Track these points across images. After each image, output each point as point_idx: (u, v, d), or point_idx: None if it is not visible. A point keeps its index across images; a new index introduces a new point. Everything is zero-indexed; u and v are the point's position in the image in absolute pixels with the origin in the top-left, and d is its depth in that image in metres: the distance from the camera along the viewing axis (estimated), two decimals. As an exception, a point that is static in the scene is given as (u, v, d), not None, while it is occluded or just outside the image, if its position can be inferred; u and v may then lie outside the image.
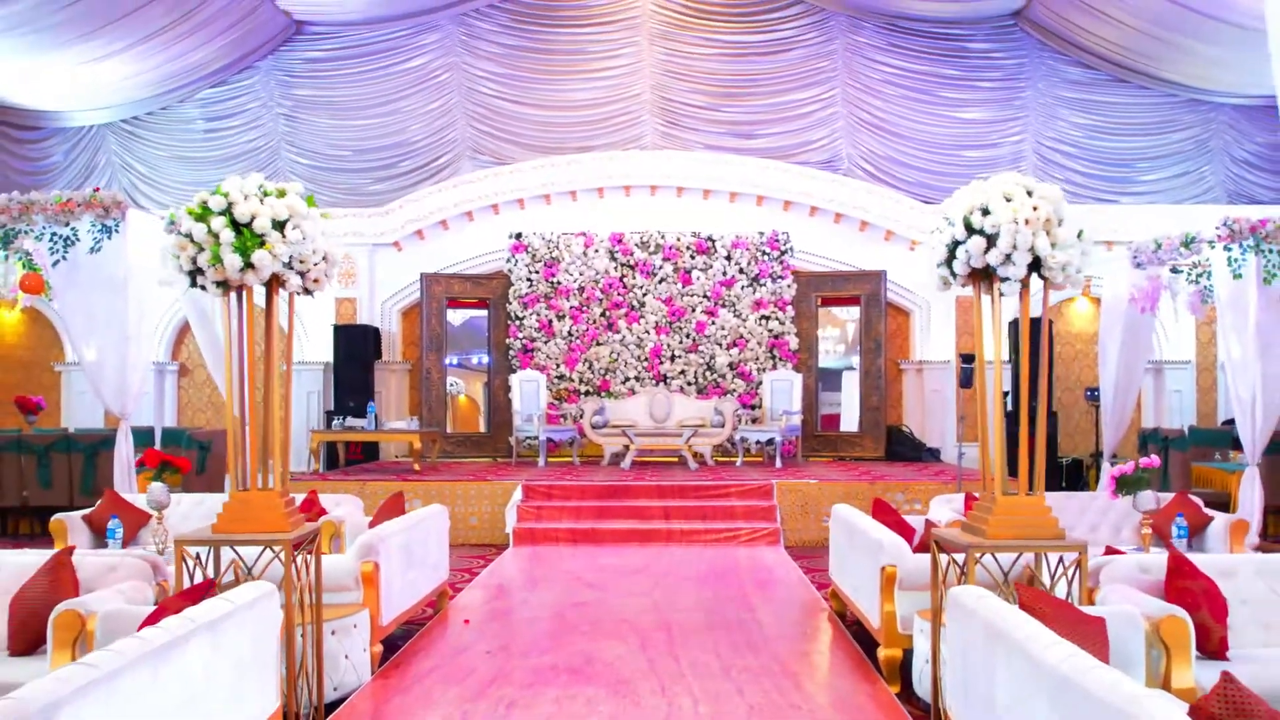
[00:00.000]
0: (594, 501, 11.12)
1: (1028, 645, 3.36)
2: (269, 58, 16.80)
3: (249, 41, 16.09)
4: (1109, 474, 6.84)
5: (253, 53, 16.46)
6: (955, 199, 4.53)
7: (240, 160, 16.84)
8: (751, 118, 16.87)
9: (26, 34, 13.57)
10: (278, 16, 16.04)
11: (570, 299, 15.15)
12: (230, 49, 15.99)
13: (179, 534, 4.69)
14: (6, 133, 17.02)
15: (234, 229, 4.55)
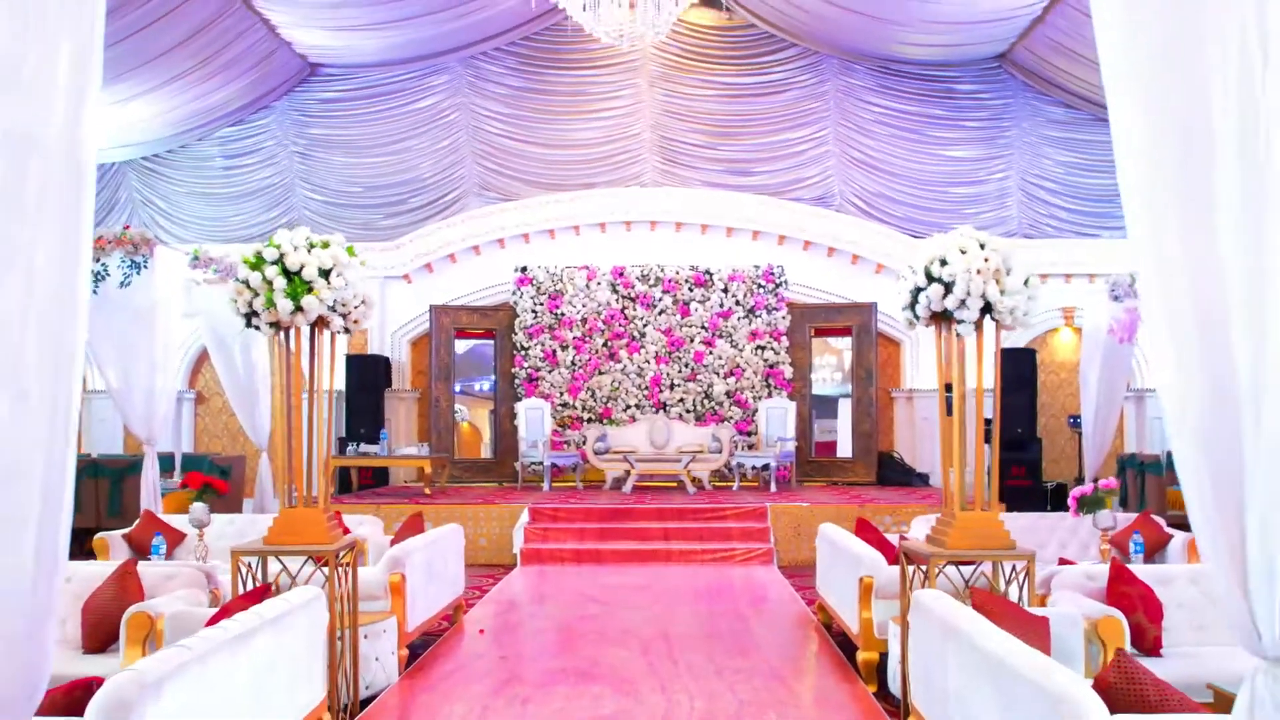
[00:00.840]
0: (597, 524, 11.71)
1: (973, 637, 3.97)
2: (285, 98, 17.50)
3: (266, 83, 16.79)
4: (1072, 495, 7.45)
5: (269, 93, 17.16)
6: (919, 251, 5.16)
7: (256, 196, 17.52)
8: (747, 156, 17.56)
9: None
10: (294, 59, 16.75)
11: (573, 330, 15.77)
12: (248, 90, 16.69)
13: (235, 545, 5.29)
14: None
15: (285, 277, 5.17)
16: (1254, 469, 2.51)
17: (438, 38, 16.51)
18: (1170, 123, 2.67)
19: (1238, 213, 2.53)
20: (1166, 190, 2.66)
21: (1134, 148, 2.76)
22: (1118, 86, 2.79)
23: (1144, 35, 2.73)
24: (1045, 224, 17.32)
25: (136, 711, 3.15)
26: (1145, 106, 2.73)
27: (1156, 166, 2.69)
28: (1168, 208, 2.66)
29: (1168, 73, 2.66)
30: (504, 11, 16.03)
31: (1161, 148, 2.69)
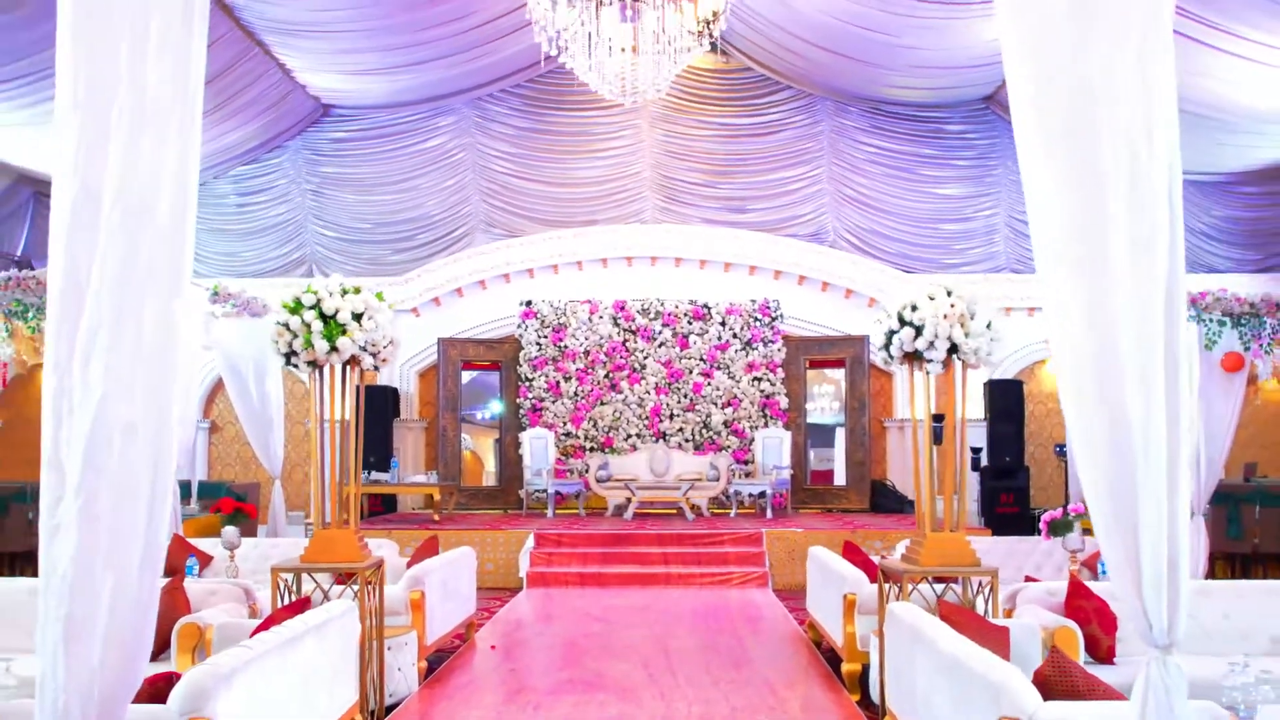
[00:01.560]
0: (600, 548, 12.24)
1: (935, 641, 4.51)
2: (298, 138, 18.15)
3: (280, 123, 17.44)
4: (1043, 519, 7.99)
5: (283, 133, 17.80)
6: (894, 298, 5.73)
7: (270, 233, 18.14)
8: (744, 194, 18.19)
9: (83, 121, 14.89)
10: (307, 101, 17.40)
11: (576, 362, 16.33)
12: (263, 130, 17.32)
13: (275, 563, 5.83)
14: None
15: (322, 320, 5.74)
16: (1145, 499, 3.07)
17: (446, 81, 17.16)
18: (1073, 202, 3.24)
19: (1128, 283, 3.11)
20: (1071, 264, 3.23)
21: (1044, 226, 3.32)
22: (1032, 173, 3.35)
23: (1051, 122, 3.29)
24: (1031, 259, 17.87)
25: (213, 698, 3.70)
26: (1055, 188, 3.30)
27: (1063, 243, 3.25)
28: (1072, 276, 3.23)
29: (1072, 158, 3.23)
30: (509, 55, 16.67)
31: (1067, 227, 3.25)
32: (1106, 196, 3.16)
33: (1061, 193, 3.26)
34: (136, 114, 3.21)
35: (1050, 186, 3.30)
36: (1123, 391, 3.10)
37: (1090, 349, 3.18)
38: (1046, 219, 3.31)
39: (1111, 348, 3.12)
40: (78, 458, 3.16)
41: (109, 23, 3.25)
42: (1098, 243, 3.18)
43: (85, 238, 3.20)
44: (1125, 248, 3.13)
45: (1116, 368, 3.11)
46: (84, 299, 3.20)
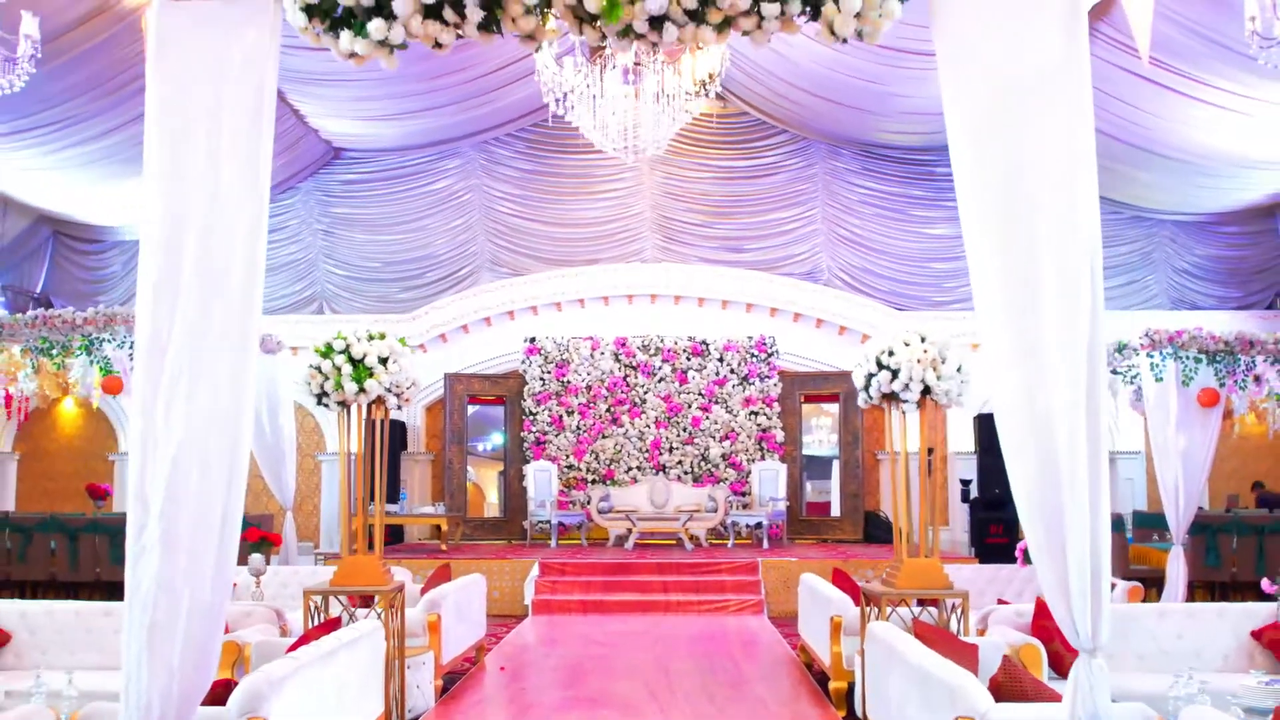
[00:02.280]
0: (602, 577, 12.73)
1: (906, 655, 5.03)
2: (310, 180, 18.78)
3: (293, 166, 18.06)
4: (1018, 548, 8.51)
5: (295, 175, 18.43)
6: (871, 344, 6.29)
7: (282, 271, 18.71)
8: (741, 234, 18.81)
9: (109, 164, 15.53)
10: (319, 144, 18.04)
11: (579, 396, 16.86)
12: (276, 173, 17.91)
13: (307, 586, 6.36)
14: (72, 245, 18.94)
15: (351, 364, 6.29)
16: (1072, 525, 3.61)
17: (453, 125, 17.81)
18: (1011, 264, 3.79)
19: (1055, 338, 3.66)
20: (1006, 321, 3.78)
21: (982, 287, 3.87)
22: (974, 240, 3.90)
23: (990, 194, 3.85)
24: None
25: (267, 700, 4.22)
26: (994, 251, 3.85)
27: (1000, 304, 3.80)
28: (1007, 330, 3.77)
29: (1009, 225, 3.78)
30: (514, 101, 17.33)
31: (1002, 288, 3.80)
32: (1038, 263, 3.72)
33: (997, 256, 3.82)
34: (213, 198, 3.79)
35: (988, 252, 3.85)
36: (1051, 431, 3.65)
37: (1022, 394, 3.72)
38: (985, 282, 3.86)
39: (1041, 393, 3.67)
40: (160, 491, 3.71)
41: (187, 117, 3.83)
42: (1029, 305, 3.74)
43: (167, 305, 3.76)
44: (1053, 309, 3.69)
45: (1045, 410, 3.66)
46: (165, 356, 3.76)
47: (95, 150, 15.16)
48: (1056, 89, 3.73)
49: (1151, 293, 18.61)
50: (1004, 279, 3.81)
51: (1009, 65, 3.75)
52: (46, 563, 13.34)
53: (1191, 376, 11.31)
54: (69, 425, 17.97)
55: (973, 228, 3.89)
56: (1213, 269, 18.65)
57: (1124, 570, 13.39)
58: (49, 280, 18.96)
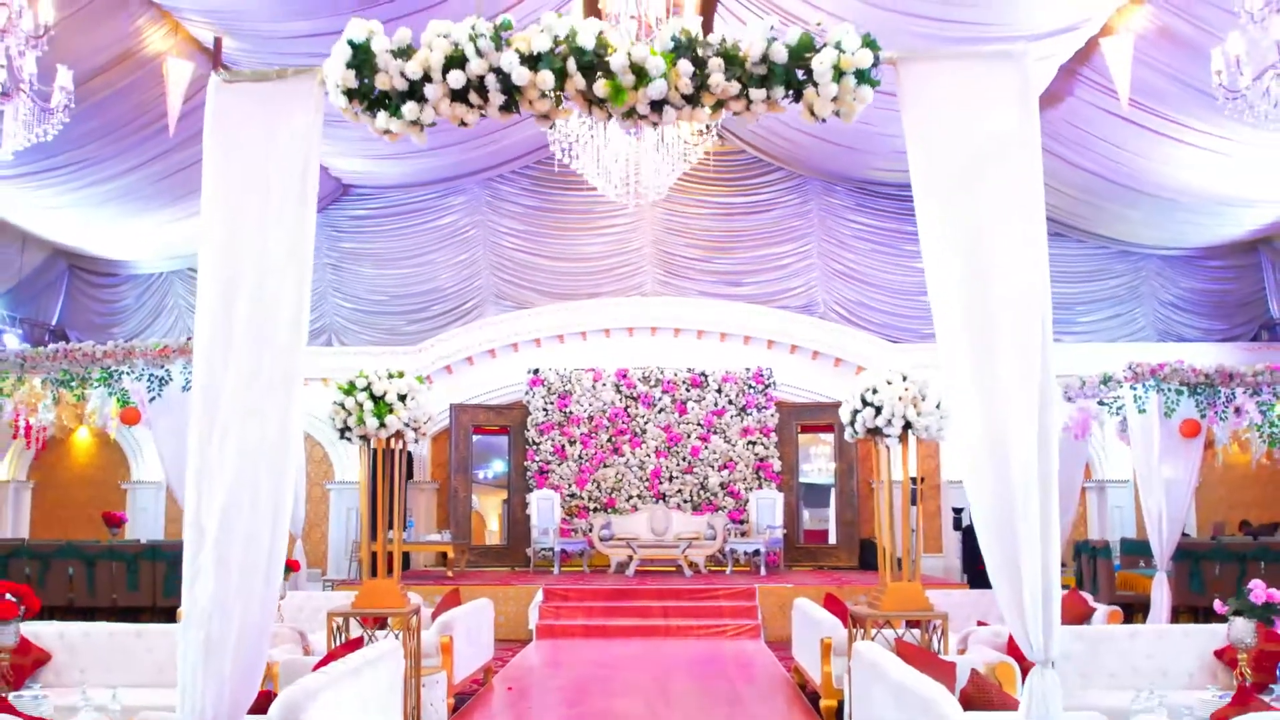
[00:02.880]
0: (604, 603, 13.14)
1: (887, 671, 5.47)
2: (319, 215, 19.18)
3: (303, 202, 18.57)
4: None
5: (305, 212, 18.93)
6: (857, 382, 6.76)
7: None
8: (739, 268, 19.32)
9: (126, 201, 16.06)
10: (329, 181, 18.58)
11: (581, 427, 17.31)
12: (286, 209, 18.45)
13: (330, 609, 6.79)
14: (86, 279, 19.44)
15: (372, 400, 6.75)
16: (1025, 543, 4.06)
17: (460, 163, 18.35)
18: (971, 315, 4.25)
19: (1015, 375, 4.12)
20: (967, 370, 4.24)
21: (948, 335, 4.32)
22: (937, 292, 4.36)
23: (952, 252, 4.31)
24: (1011, 329, 18.95)
25: (304, 710, 4.65)
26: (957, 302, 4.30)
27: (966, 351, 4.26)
28: (971, 372, 4.23)
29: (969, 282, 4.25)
30: (519, 140, 17.87)
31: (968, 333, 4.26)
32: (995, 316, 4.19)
33: (959, 307, 4.28)
34: (261, 259, 4.26)
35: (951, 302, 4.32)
36: (1007, 463, 4.10)
37: (981, 428, 4.18)
38: (948, 328, 4.31)
39: (998, 428, 4.13)
40: (215, 519, 4.16)
41: (240, 187, 4.31)
42: (988, 349, 4.20)
43: (221, 355, 4.23)
44: (1009, 355, 4.15)
45: (1002, 443, 4.12)
46: (220, 399, 4.22)
47: (113, 189, 15.68)
48: (1012, 159, 4.21)
49: (1139, 325, 19.09)
50: (966, 326, 4.25)
51: (969, 137, 4.24)
52: (64, 588, 13.73)
53: (1173, 408, 11.70)
54: (82, 455, 18.40)
55: (936, 281, 4.36)
56: (1198, 302, 19.14)
57: (1111, 596, 13.81)
58: (64, 313, 19.45)
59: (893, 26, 12.68)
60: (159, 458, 12.91)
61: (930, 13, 12.37)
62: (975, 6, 12.20)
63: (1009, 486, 4.10)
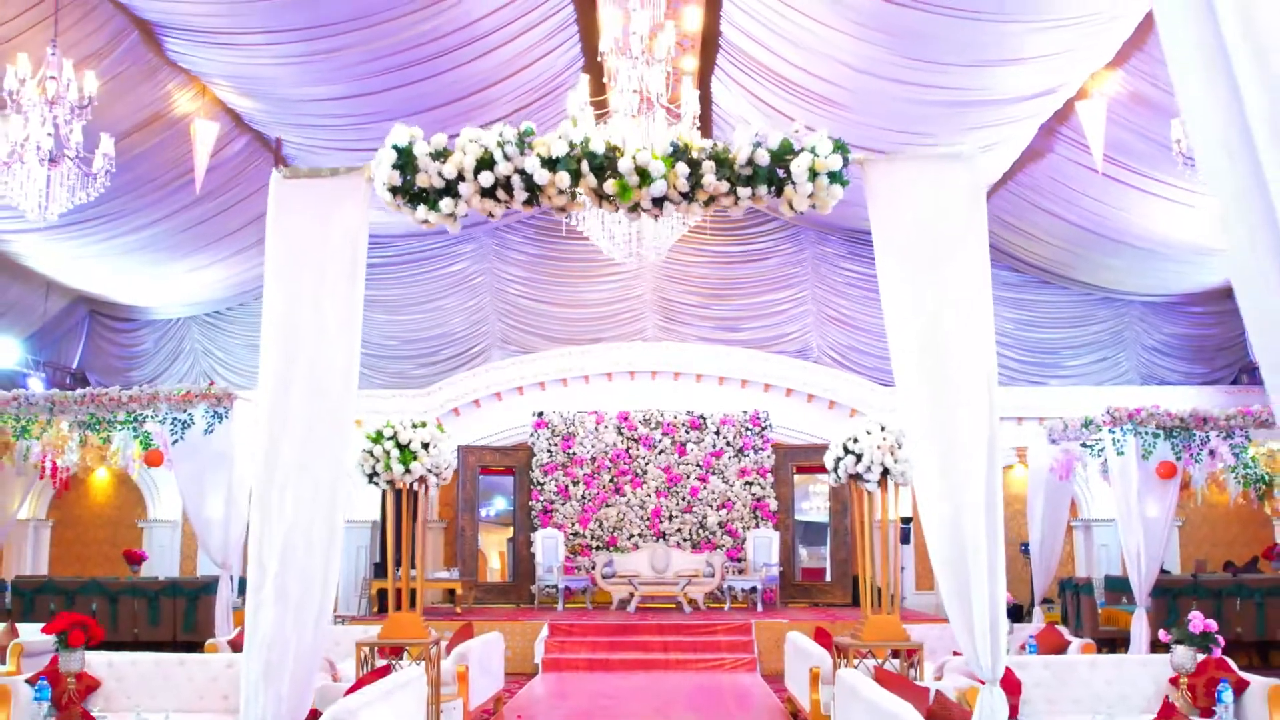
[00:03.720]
0: (607, 637, 13.72)
1: (865, 694, 6.09)
2: (332, 263, 20.01)
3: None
4: (978, 607, 9.54)
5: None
6: (841, 431, 7.42)
7: (305, 348, 19.87)
8: (736, 314, 20.04)
9: (149, 252, 16.79)
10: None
11: (584, 467, 17.92)
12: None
13: (359, 639, 7.42)
14: (106, 324, 20.14)
15: (398, 448, 7.41)
16: (975, 577, 4.71)
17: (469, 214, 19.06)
18: (931, 379, 4.93)
19: (965, 415, 4.78)
20: (927, 418, 4.91)
21: (908, 392, 5.00)
22: (899, 360, 5.04)
23: (912, 326, 5.00)
24: (999, 372, 19.55)
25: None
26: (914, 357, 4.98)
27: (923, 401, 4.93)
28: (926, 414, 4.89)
29: (926, 354, 4.93)
30: (525, 192, 18.62)
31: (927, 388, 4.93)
32: (951, 380, 4.87)
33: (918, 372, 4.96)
34: (317, 334, 4.93)
35: (912, 370, 5.00)
36: (959, 508, 4.76)
37: (936, 471, 4.84)
38: (908, 387, 4.99)
39: (950, 474, 4.79)
40: (275, 559, 4.81)
41: (298, 270, 4.99)
42: (942, 400, 4.87)
43: (280, 415, 4.90)
44: (961, 414, 4.82)
45: (954, 487, 4.77)
46: (279, 456, 4.88)
47: (137, 240, 16.41)
48: (963, 248, 4.90)
49: (1123, 369, 19.75)
50: (922, 381, 4.94)
51: (926, 227, 4.94)
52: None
53: (1150, 450, 12.32)
54: (100, 494, 19.00)
55: (898, 346, 5.04)
56: (1180, 346, 19.81)
57: (1093, 630, 14.37)
58: (84, 356, 20.13)
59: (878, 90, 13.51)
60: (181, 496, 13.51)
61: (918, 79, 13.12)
62: (960, 72, 12.95)
63: (960, 528, 4.75)
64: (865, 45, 12.60)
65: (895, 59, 12.72)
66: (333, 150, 15.49)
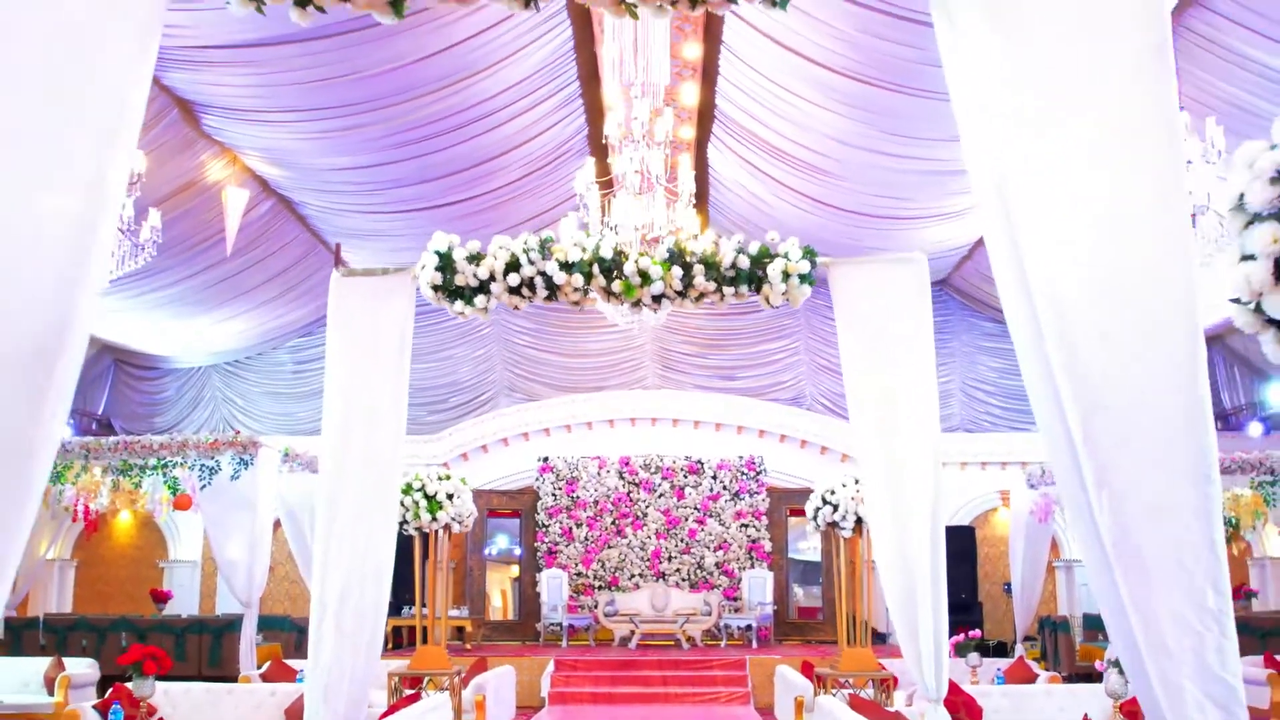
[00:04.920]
0: (610, 672, 14.54)
1: (840, 717, 6.98)
2: (347, 314, 20.98)
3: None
4: (950, 642, 10.42)
5: (335, 311, 20.65)
6: (824, 483, 8.36)
7: (321, 395, 20.71)
8: (732, 363, 20.99)
9: (175, 306, 17.77)
10: (357, 284, 20.30)
11: (587, 510, 18.77)
12: (318, 310, 20.15)
13: (391, 669, 8.31)
14: (130, 373, 21.09)
15: (425, 499, 8.33)
16: (922, 608, 5.62)
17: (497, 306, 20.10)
18: (886, 453, 5.87)
19: (913, 476, 5.71)
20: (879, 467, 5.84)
21: (862, 446, 5.93)
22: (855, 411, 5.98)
23: (869, 409, 5.95)
24: (983, 419, 20.60)
25: (391, 742, 6.17)
26: (871, 427, 5.93)
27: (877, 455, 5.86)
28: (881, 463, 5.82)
29: (882, 435, 5.88)
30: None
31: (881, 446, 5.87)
32: (902, 451, 5.81)
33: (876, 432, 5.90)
34: (371, 411, 5.87)
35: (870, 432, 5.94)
36: (907, 551, 5.68)
37: (889, 515, 5.76)
38: (867, 453, 5.93)
39: (902, 517, 5.72)
40: (334, 598, 5.71)
41: (354, 355, 5.94)
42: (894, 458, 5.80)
43: (339, 478, 5.82)
44: (909, 476, 5.76)
45: (902, 528, 5.70)
46: (338, 512, 5.79)
47: (166, 296, 17.38)
48: (914, 343, 5.86)
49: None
50: (880, 452, 5.88)
51: (881, 321, 5.90)
52: (117, 658, 15.09)
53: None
54: (123, 535, 19.84)
55: (858, 424, 5.98)
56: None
57: (1070, 666, 15.18)
58: (109, 403, 21.06)
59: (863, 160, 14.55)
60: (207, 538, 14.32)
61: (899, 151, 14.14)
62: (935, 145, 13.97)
63: (907, 553, 5.66)
64: (848, 121, 13.64)
65: (876, 133, 13.77)
66: (351, 213, 16.54)
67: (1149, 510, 2.67)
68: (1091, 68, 2.81)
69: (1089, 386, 2.81)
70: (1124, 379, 2.77)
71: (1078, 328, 2.89)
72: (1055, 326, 2.95)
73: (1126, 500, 2.69)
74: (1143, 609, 2.69)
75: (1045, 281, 2.99)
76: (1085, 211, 2.87)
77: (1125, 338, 2.82)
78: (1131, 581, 2.70)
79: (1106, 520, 2.71)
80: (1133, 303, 2.83)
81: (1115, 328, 2.83)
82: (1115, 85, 2.80)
